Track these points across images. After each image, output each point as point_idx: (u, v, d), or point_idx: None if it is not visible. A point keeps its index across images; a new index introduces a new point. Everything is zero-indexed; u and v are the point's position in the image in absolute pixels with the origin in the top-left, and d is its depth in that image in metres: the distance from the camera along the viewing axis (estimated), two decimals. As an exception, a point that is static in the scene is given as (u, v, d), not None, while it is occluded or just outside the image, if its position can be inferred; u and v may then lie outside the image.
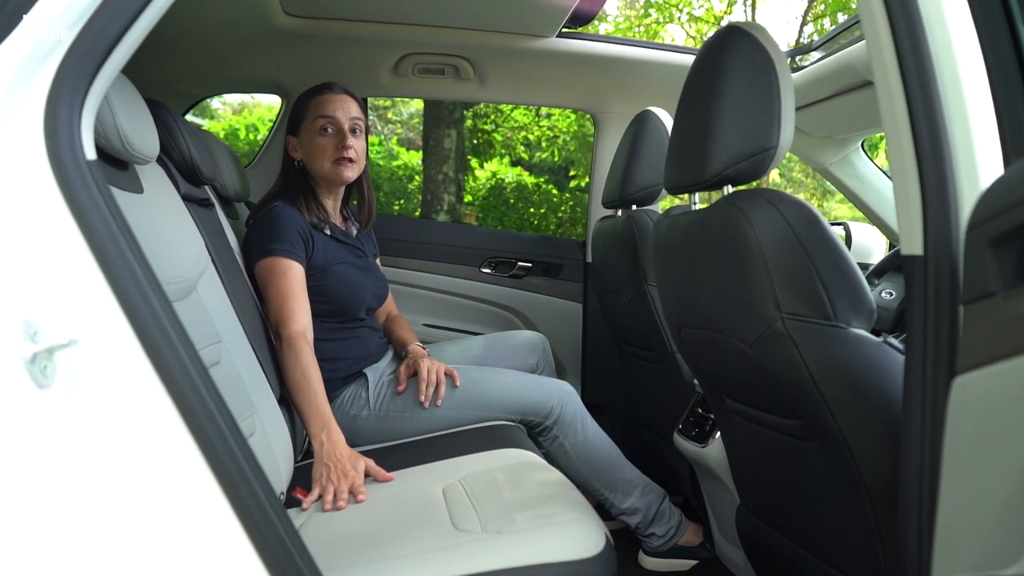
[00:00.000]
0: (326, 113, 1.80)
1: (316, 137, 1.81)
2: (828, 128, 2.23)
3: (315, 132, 1.81)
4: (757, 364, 1.13)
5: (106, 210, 0.75)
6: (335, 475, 1.42)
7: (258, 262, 1.70)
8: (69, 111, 0.75)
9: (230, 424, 0.78)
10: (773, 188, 1.20)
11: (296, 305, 1.65)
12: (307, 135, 1.82)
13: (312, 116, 1.82)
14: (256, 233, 1.75)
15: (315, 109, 1.82)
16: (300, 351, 1.58)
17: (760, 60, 1.12)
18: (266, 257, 1.69)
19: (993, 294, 0.69)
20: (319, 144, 1.81)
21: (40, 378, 0.69)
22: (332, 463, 1.44)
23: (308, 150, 1.83)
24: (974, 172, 0.81)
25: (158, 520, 0.73)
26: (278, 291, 1.66)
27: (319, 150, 1.81)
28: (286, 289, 1.65)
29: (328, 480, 1.42)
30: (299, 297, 1.67)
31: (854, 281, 1.04)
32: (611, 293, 2.11)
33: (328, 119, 1.80)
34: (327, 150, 1.81)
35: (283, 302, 1.64)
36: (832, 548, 1.17)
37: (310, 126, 1.82)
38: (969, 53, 0.81)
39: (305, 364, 1.57)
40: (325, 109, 1.80)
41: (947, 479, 0.78)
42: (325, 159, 1.81)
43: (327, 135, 1.81)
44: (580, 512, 1.19)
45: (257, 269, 1.71)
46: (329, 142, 1.81)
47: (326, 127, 1.81)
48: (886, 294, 1.98)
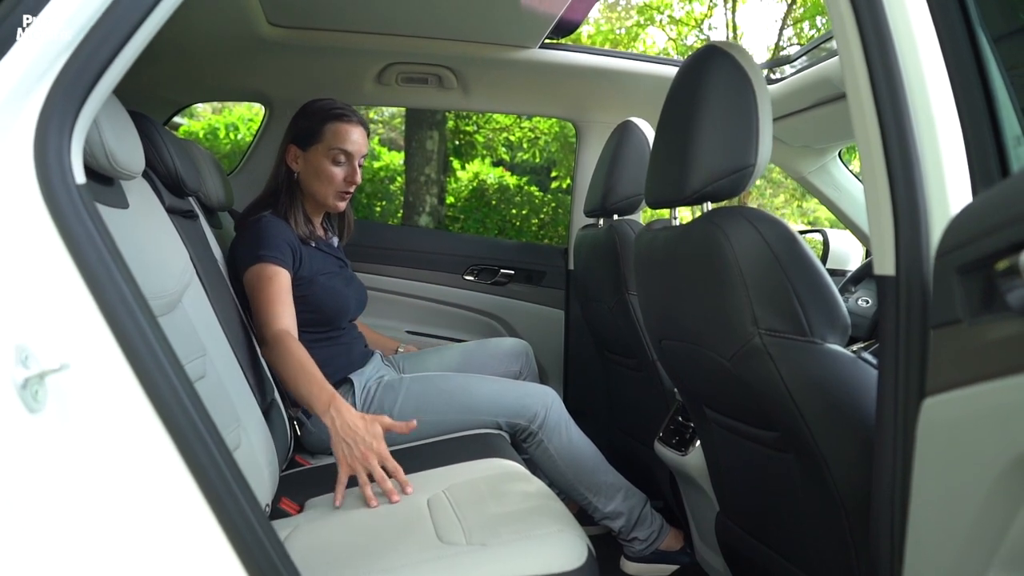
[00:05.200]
0: (345, 147, 1.82)
1: (328, 164, 1.83)
2: (806, 138, 2.27)
3: (328, 158, 1.82)
4: (735, 377, 1.16)
5: (96, 234, 0.76)
6: (359, 451, 1.38)
7: (247, 269, 1.71)
8: (59, 136, 0.76)
9: (217, 441, 0.79)
10: (751, 206, 1.23)
11: (281, 308, 1.66)
12: (317, 157, 1.83)
13: (329, 143, 1.82)
14: (245, 241, 1.76)
15: (333, 137, 1.82)
16: (288, 344, 1.58)
17: (739, 80, 1.14)
18: (255, 264, 1.70)
19: (959, 321, 0.71)
20: (329, 172, 1.83)
21: (31, 403, 0.70)
22: (350, 439, 1.39)
23: (314, 171, 1.84)
24: (944, 197, 0.83)
25: (148, 537, 0.75)
26: (265, 296, 1.67)
27: (327, 177, 1.83)
28: (273, 294, 1.67)
29: (354, 459, 1.38)
30: (285, 301, 1.68)
31: (829, 298, 1.07)
32: (593, 301, 2.14)
33: (345, 153, 1.83)
34: (335, 180, 1.84)
35: (268, 306, 1.65)
36: (808, 556, 1.20)
37: (324, 150, 1.82)
38: (939, 85, 0.84)
39: (297, 353, 1.57)
40: (345, 142, 1.82)
41: (917, 495, 0.80)
42: (331, 188, 1.84)
43: (339, 166, 1.84)
44: (563, 524, 1.21)
45: (246, 276, 1.72)
46: (339, 173, 1.84)
47: (340, 159, 1.83)
48: (862, 301, 2.01)
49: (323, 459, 1.81)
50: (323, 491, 1.51)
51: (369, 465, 1.38)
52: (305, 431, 1.82)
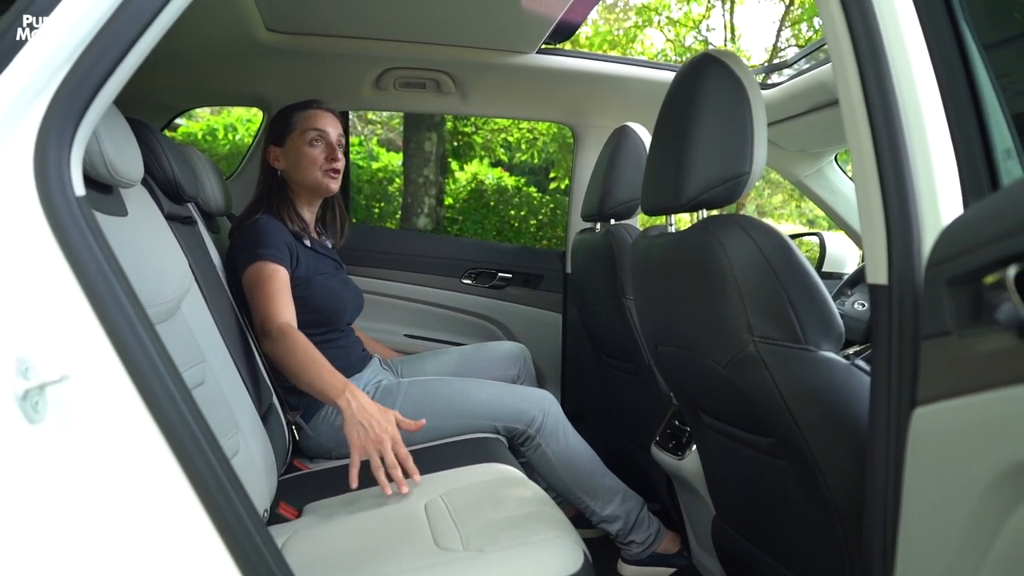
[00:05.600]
0: (317, 127, 1.87)
1: (305, 148, 1.87)
2: (802, 142, 2.28)
3: (304, 143, 1.87)
4: (731, 384, 1.16)
5: (95, 246, 0.76)
6: (373, 434, 1.39)
7: (246, 269, 1.73)
8: (58, 148, 0.77)
9: (215, 449, 0.80)
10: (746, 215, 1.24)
11: (282, 303, 1.68)
12: (294, 146, 1.87)
13: (301, 128, 1.87)
14: (242, 243, 1.78)
15: (304, 122, 1.88)
16: (293, 335, 1.60)
17: (733, 88, 1.15)
18: (254, 262, 1.72)
19: (949, 332, 0.72)
20: (308, 155, 1.87)
21: (32, 414, 0.71)
22: (365, 420, 1.41)
23: (295, 160, 1.88)
24: (935, 208, 0.84)
25: (146, 545, 0.75)
26: (265, 292, 1.69)
27: (309, 160, 1.87)
28: (273, 290, 1.69)
29: (368, 440, 1.39)
30: (285, 297, 1.71)
31: (823, 306, 1.08)
32: (590, 305, 2.14)
33: (319, 132, 1.88)
34: (317, 160, 1.87)
35: (269, 301, 1.67)
36: (802, 561, 1.21)
37: (298, 138, 1.87)
38: (931, 98, 0.85)
39: (303, 345, 1.57)
40: (316, 123, 1.87)
41: (908, 502, 0.81)
42: (316, 168, 1.87)
43: (317, 147, 1.87)
44: (560, 530, 1.22)
45: (245, 276, 1.74)
46: (319, 153, 1.88)
47: (316, 140, 1.87)
48: (859, 305, 2.02)
49: (321, 464, 1.82)
50: (321, 496, 1.52)
51: (383, 448, 1.39)
52: (303, 436, 1.83)
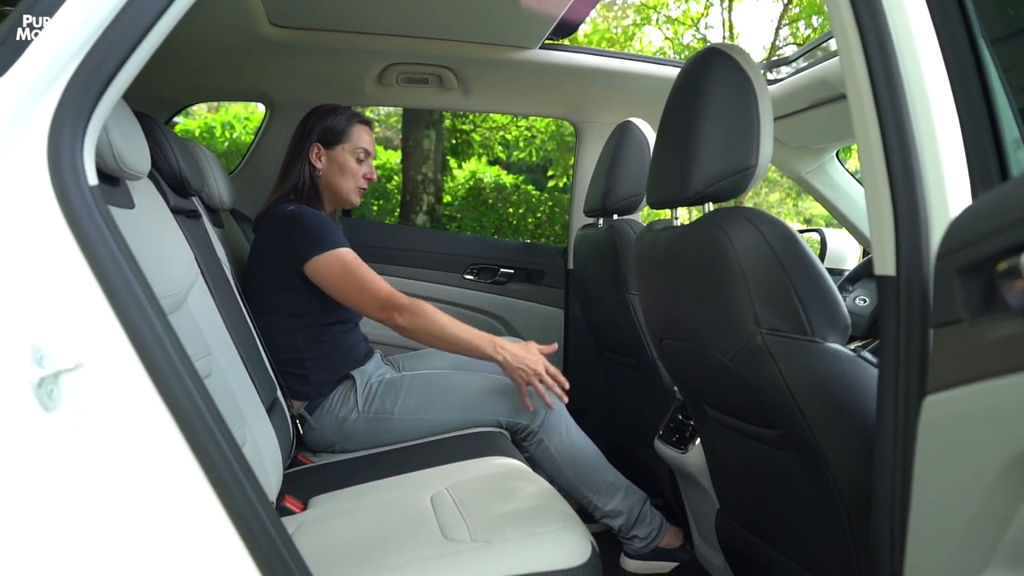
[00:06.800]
0: (366, 147, 2.03)
1: (352, 161, 2.00)
2: (804, 138, 2.28)
3: (353, 156, 2.00)
4: (737, 376, 1.17)
5: (109, 235, 0.77)
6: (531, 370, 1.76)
7: (314, 259, 1.79)
8: (72, 139, 0.77)
9: (227, 437, 0.81)
10: (751, 207, 1.24)
11: (383, 281, 1.82)
12: (343, 155, 1.99)
13: (353, 144, 2.01)
14: (294, 233, 1.82)
15: (358, 138, 2.01)
16: (424, 306, 1.78)
17: (739, 81, 1.15)
18: (329, 251, 1.80)
19: (960, 320, 0.73)
20: (352, 168, 2.00)
21: (47, 401, 0.71)
22: (519, 364, 1.76)
23: (338, 168, 1.99)
24: (944, 199, 0.84)
25: (159, 530, 0.76)
26: (364, 276, 1.80)
27: (351, 173, 2.01)
28: (368, 273, 1.81)
29: (530, 376, 1.76)
30: (376, 274, 1.82)
31: (830, 297, 1.08)
32: (593, 301, 2.15)
33: (366, 152, 2.03)
34: (357, 175, 2.02)
35: (377, 283, 1.80)
36: (808, 554, 1.22)
37: (350, 149, 2.00)
38: (939, 88, 0.85)
39: (437, 311, 1.79)
40: (366, 142, 2.03)
41: (918, 492, 0.82)
42: (353, 183, 2.02)
43: (361, 163, 2.01)
44: (566, 521, 1.22)
45: (316, 266, 1.80)
46: (360, 170, 2.01)
47: (362, 157, 2.02)
48: (860, 300, 2.03)
49: (325, 457, 1.82)
50: (327, 489, 1.53)
51: (540, 375, 1.77)
52: (307, 428, 1.83)
